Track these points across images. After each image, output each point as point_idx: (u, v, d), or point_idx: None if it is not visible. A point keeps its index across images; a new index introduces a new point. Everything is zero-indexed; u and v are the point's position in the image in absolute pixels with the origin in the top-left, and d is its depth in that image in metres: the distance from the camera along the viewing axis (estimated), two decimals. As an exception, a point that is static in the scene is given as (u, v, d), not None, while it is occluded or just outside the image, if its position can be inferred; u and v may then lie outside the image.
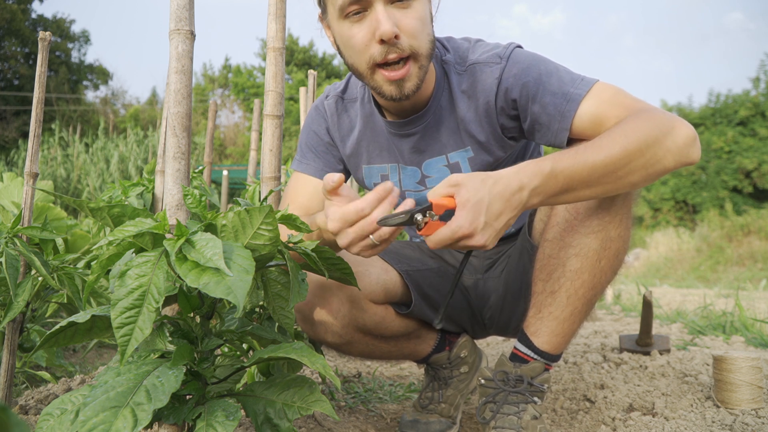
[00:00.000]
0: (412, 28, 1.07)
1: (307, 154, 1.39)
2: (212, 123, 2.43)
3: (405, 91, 1.12)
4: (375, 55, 1.08)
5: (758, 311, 3.65)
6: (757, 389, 1.43)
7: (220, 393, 0.87)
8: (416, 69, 1.11)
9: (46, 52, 1.36)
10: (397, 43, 1.07)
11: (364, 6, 1.06)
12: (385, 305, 1.35)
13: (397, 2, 1.07)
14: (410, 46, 1.08)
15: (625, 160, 0.98)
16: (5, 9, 18.28)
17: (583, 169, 0.98)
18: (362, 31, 1.08)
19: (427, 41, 1.11)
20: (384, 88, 1.13)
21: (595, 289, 1.15)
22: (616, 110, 1.06)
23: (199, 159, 11.88)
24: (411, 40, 1.08)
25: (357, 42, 1.09)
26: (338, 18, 1.10)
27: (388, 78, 1.10)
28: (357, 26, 1.08)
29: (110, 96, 24.15)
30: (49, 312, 1.84)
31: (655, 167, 1.01)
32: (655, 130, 1.00)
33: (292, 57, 22.32)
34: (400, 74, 1.10)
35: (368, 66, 1.11)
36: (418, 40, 1.09)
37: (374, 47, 1.08)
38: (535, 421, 1.15)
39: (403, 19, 1.07)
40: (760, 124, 15.92)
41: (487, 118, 1.21)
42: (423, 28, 1.10)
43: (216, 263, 0.70)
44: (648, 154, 0.99)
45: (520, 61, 1.16)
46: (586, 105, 1.09)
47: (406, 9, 1.07)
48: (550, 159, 0.98)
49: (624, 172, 0.99)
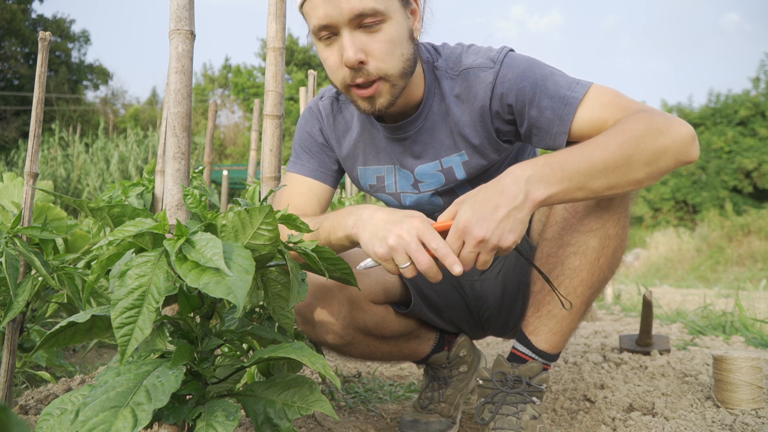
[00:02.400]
0: (380, 52, 1.09)
1: (301, 156, 1.40)
2: (212, 123, 2.43)
3: (377, 107, 1.15)
4: (345, 78, 1.12)
5: (758, 311, 3.65)
6: (757, 389, 1.43)
7: (220, 393, 0.87)
8: (387, 87, 1.13)
9: (46, 52, 1.36)
10: (362, 68, 1.09)
11: (333, 31, 1.09)
12: (384, 305, 1.36)
13: (365, 27, 1.08)
14: (378, 70, 1.10)
15: (624, 154, 0.99)
16: (5, 9, 18.28)
17: (580, 160, 0.99)
18: (333, 54, 1.12)
19: (399, 62, 1.12)
20: (359, 104, 1.17)
21: (593, 288, 1.15)
22: (614, 112, 1.08)
23: (199, 159, 11.89)
24: (378, 63, 1.09)
25: (330, 64, 1.13)
26: (315, 39, 1.14)
27: (359, 95, 1.14)
28: (329, 49, 1.12)
29: (110, 96, 24.17)
30: (49, 312, 1.84)
31: (657, 164, 1.01)
32: (652, 127, 1.01)
33: (292, 57, 22.32)
34: (368, 92, 1.12)
35: (342, 85, 1.15)
36: (387, 63, 1.10)
37: (344, 70, 1.11)
38: (534, 421, 1.15)
39: (371, 44, 1.08)
40: (760, 124, 15.92)
41: (481, 122, 1.21)
42: (393, 49, 1.10)
43: (216, 263, 0.70)
44: (647, 150, 1.00)
45: (515, 66, 1.16)
46: (584, 108, 1.10)
47: (375, 33, 1.08)
48: (543, 155, 1.02)
49: (625, 167, 1.00)
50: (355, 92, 1.14)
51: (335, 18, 1.06)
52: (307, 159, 1.39)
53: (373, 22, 1.07)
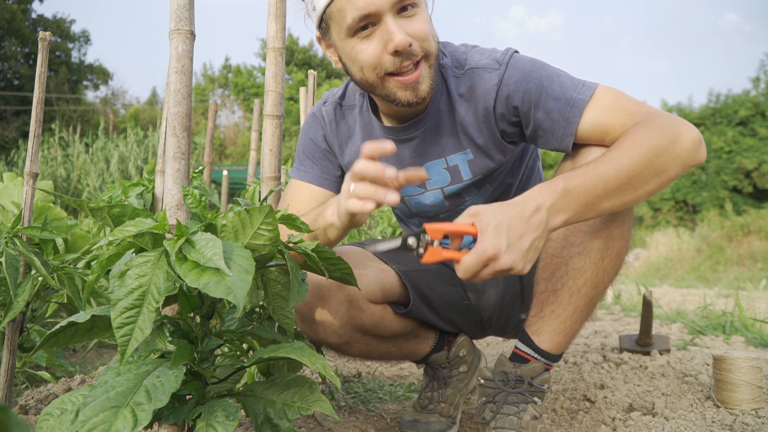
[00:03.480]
0: (423, 32, 1.11)
1: (304, 162, 1.40)
2: (212, 123, 2.43)
3: (421, 94, 1.14)
4: (387, 66, 1.11)
5: (758, 311, 3.65)
6: (757, 389, 1.43)
7: (220, 393, 0.87)
8: (427, 69, 1.14)
9: (46, 52, 1.36)
10: (411, 50, 1.10)
11: (374, 21, 1.09)
12: (383, 305, 1.36)
13: (404, 12, 1.09)
14: (422, 49, 1.12)
15: (637, 170, 1.01)
16: (5, 9, 18.28)
17: (597, 182, 1.00)
18: (372, 45, 1.10)
19: (434, 42, 1.15)
20: (398, 95, 1.15)
21: (597, 288, 1.16)
22: (620, 114, 1.09)
23: (199, 159, 11.88)
24: (423, 43, 1.11)
25: (367, 56, 1.11)
26: (345, 37, 1.12)
27: (402, 83, 1.12)
28: (365, 42, 1.11)
29: (110, 96, 24.20)
30: (49, 312, 1.84)
31: (668, 173, 1.03)
32: (663, 138, 1.02)
33: (292, 57, 22.33)
34: (413, 77, 1.12)
35: (378, 76, 1.13)
36: (429, 42, 1.12)
37: (386, 59, 1.10)
38: (535, 422, 1.15)
39: (413, 25, 1.10)
40: (760, 124, 15.93)
41: (486, 123, 1.21)
42: (429, 30, 1.13)
43: (216, 263, 0.70)
44: (658, 162, 1.02)
45: (520, 68, 1.16)
46: (590, 110, 1.10)
47: (413, 17, 1.10)
48: (562, 178, 1.01)
49: (638, 182, 1.02)
50: (397, 81, 1.13)
51: (379, 5, 1.07)
52: (310, 166, 1.39)
53: (411, 4, 1.09)
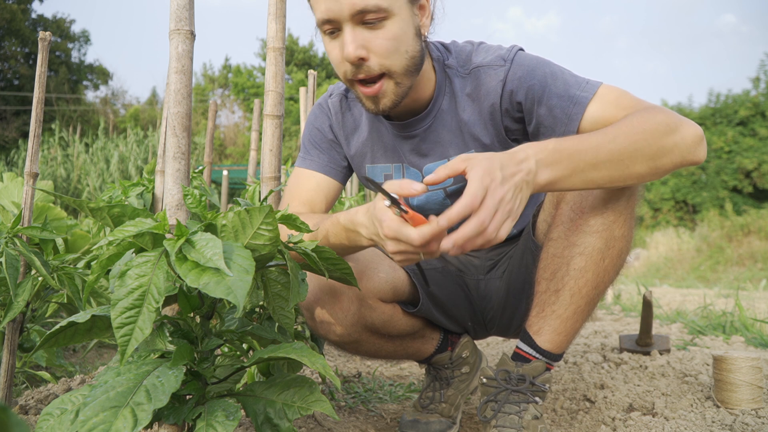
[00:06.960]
0: (383, 48, 1.08)
1: (311, 151, 1.39)
2: (212, 123, 2.43)
3: (381, 107, 1.15)
4: (347, 72, 1.12)
5: (758, 311, 3.65)
6: (757, 389, 1.43)
7: (220, 393, 0.87)
8: (392, 86, 1.12)
9: (46, 52, 1.36)
10: (363, 64, 1.08)
11: (336, 26, 1.09)
12: (392, 304, 1.36)
13: (368, 23, 1.07)
14: (380, 66, 1.09)
15: (630, 148, 0.99)
16: (5, 9, 18.28)
17: (588, 149, 0.98)
18: (335, 48, 1.11)
19: (403, 59, 1.11)
20: (363, 102, 1.17)
21: (598, 288, 1.16)
22: (623, 113, 1.08)
23: (199, 159, 11.89)
24: (381, 59, 1.09)
25: (333, 57, 1.13)
26: (320, 31, 1.14)
27: (364, 93, 1.13)
28: (333, 43, 1.12)
29: (110, 96, 24.17)
30: (49, 312, 1.84)
31: (662, 160, 1.01)
32: (663, 124, 1.01)
33: (292, 57, 22.32)
34: (372, 91, 1.12)
35: (344, 79, 1.15)
36: (390, 59, 1.09)
37: (346, 65, 1.10)
38: (536, 421, 1.15)
39: (373, 40, 1.07)
40: (760, 124, 15.91)
41: (491, 121, 1.22)
42: (397, 46, 1.09)
43: (216, 263, 0.70)
44: (655, 145, 1.00)
45: (525, 64, 1.16)
46: (593, 108, 1.10)
47: (378, 29, 1.07)
48: (554, 140, 0.99)
49: (630, 160, 0.99)
50: (360, 89, 1.14)
51: (337, 13, 1.06)
52: (316, 154, 1.39)
53: (376, 18, 1.06)
